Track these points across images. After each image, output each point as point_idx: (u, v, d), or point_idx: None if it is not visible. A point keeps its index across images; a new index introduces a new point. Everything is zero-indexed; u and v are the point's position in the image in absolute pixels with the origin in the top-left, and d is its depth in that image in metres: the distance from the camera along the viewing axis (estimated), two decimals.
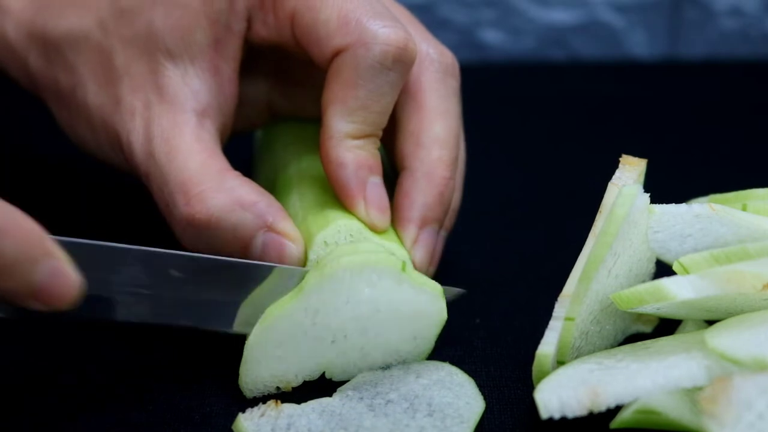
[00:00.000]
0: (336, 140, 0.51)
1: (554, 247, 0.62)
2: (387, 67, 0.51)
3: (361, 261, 0.48)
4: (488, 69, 0.88)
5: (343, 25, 0.51)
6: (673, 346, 0.48)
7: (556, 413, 0.45)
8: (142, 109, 0.53)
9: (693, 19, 0.89)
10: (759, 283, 0.47)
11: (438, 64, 0.55)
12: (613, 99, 0.83)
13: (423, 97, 0.54)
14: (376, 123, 0.52)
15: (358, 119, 0.52)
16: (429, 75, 0.55)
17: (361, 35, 0.51)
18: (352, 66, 0.51)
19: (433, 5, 0.88)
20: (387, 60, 0.51)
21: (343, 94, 0.51)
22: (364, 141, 0.52)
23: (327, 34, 0.51)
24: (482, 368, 0.52)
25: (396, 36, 0.51)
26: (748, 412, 0.42)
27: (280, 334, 0.49)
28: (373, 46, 0.51)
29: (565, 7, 0.89)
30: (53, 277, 0.44)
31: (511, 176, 0.71)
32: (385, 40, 0.51)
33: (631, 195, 0.49)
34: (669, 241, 0.51)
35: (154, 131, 0.52)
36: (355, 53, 0.51)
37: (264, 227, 0.50)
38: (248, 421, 0.47)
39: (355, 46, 0.51)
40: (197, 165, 0.51)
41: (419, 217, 0.53)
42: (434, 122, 0.54)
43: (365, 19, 0.51)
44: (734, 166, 0.72)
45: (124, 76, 0.53)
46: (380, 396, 0.49)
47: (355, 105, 0.51)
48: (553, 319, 0.49)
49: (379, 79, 0.51)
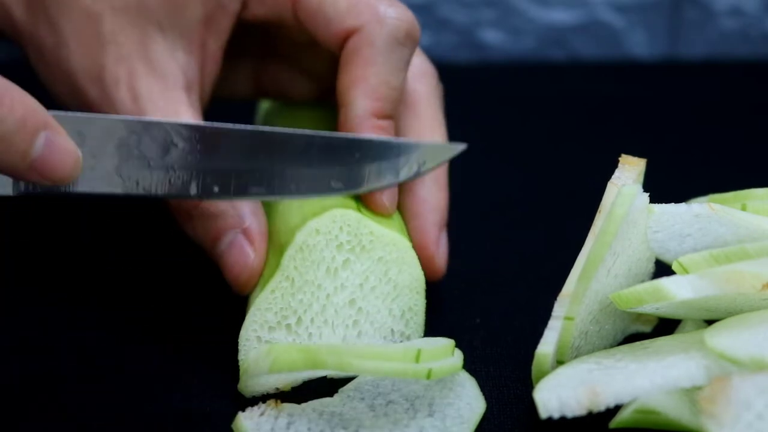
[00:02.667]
0: (361, 118, 0.52)
1: (554, 247, 0.62)
2: (401, 43, 0.52)
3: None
4: (488, 69, 0.88)
5: (353, 5, 0.52)
6: (672, 345, 0.48)
7: (555, 413, 0.45)
8: (127, 78, 0.53)
9: (693, 19, 0.89)
10: (758, 283, 0.47)
11: (431, 77, 0.57)
12: (613, 99, 0.83)
13: (421, 109, 0.56)
14: (396, 100, 0.53)
15: (381, 96, 0.52)
16: (424, 87, 0.56)
17: (373, 14, 0.52)
18: (369, 43, 0.52)
19: (433, 5, 0.88)
20: (401, 35, 0.52)
21: (364, 72, 0.52)
22: (388, 123, 0.53)
23: (337, 16, 0.52)
24: (482, 368, 0.52)
25: (404, 13, 0.53)
26: (746, 411, 0.42)
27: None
28: (387, 22, 0.52)
29: (565, 7, 0.89)
30: (52, 149, 0.44)
31: (511, 176, 0.71)
32: (396, 17, 0.52)
33: (631, 195, 0.49)
34: (668, 241, 0.51)
35: (144, 103, 0.52)
36: (370, 31, 0.52)
37: (240, 227, 0.51)
38: (248, 420, 0.47)
39: (369, 24, 0.52)
40: None
41: (440, 221, 0.55)
42: (433, 133, 0.56)
43: (374, 1, 0.53)
44: (734, 166, 0.72)
45: (111, 44, 0.53)
46: (381, 396, 0.49)
47: (376, 81, 0.52)
48: (552, 318, 0.49)
49: (395, 54, 0.52)
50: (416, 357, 0.46)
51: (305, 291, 0.50)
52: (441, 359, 0.48)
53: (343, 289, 0.51)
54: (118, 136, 0.48)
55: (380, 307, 0.51)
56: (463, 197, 0.64)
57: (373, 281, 0.51)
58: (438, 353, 0.48)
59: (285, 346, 0.47)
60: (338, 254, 0.50)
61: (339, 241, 0.50)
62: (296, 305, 0.50)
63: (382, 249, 0.51)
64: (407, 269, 0.52)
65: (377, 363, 0.46)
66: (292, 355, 0.46)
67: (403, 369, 0.46)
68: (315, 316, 0.50)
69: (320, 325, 0.51)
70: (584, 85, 0.85)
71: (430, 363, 0.47)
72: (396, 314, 0.52)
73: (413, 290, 0.52)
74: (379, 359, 0.46)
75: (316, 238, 0.50)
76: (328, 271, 0.50)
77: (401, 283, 0.51)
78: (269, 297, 0.50)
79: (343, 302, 0.51)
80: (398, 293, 0.52)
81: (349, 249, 0.50)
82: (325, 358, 0.46)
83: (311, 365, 0.46)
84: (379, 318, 0.51)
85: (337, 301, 0.51)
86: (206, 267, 0.56)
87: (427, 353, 0.47)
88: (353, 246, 0.50)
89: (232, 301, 0.55)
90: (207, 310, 0.56)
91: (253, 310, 0.50)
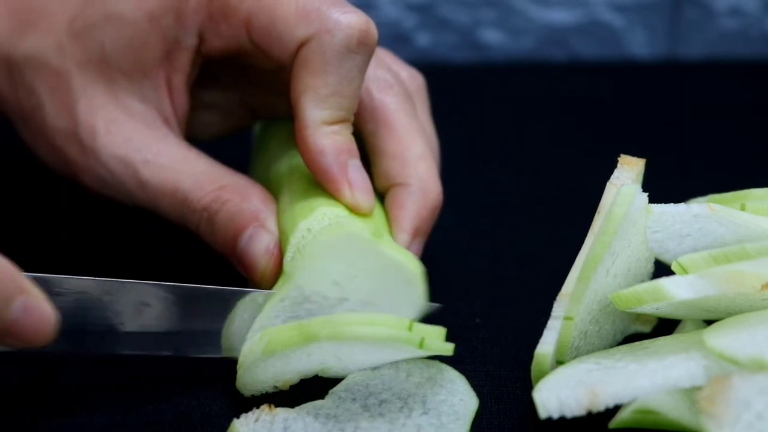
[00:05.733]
0: (312, 128, 0.52)
1: (554, 247, 0.62)
2: (353, 51, 0.52)
3: (336, 233, 0.48)
4: (488, 69, 0.88)
5: (304, 16, 0.52)
6: (672, 345, 0.48)
7: (554, 413, 0.45)
8: (104, 126, 0.54)
9: (693, 19, 0.89)
10: (758, 283, 0.47)
11: (397, 87, 0.56)
12: (613, 99, 0.83)
13: (391, 120, 0.55)
14: (349, 108, 0.53)
15: (332, 105, 0.52)
16: (392, 98, 0.56)
17: (324, 23, 0.51)
18: (319, 53, 0.51)
19: (433, 5, 0.88)
20: (352, 44, 0.52)
21: (313, 82, 0.52)
22: (340, 126, 0.53)
23: (288, 29, 0.52)
24: (482, 368, 0.52)
25: (357, 20, 0.52)
26: (746, 411, 0.42)
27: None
28: (336, 31, 0.51)
29: (565, 7, 0.89)
30: (27, 314, 0.44)
31: (510, 176, 0.71)
32: (348, 24, 0.52)
33: (630, 194, 0.49)
34: (668, 241, 0.51)
35: (136, 145, 0.54)
36: (320, 41, 0.51)
37: (257, 221, 0.52)
38: (244, 427, 0.47)
39: (319, 33, 0.51)
40: (203, 168, 0.53)
41: (413, 228, 0.54)
42: (412, 141, 0.55)
43: (325, 8, 0.52)
44: (733, 166, 0.72)
45: (82, 98, 0.54)
46: (373, 396, 0.49)
47: (326, 91, 0.52)
48: (551, 318, 0.49)
49: (346, 63, 0.52)
50: (409, 326, 0.47)
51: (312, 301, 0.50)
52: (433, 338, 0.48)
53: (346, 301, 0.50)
54: (91, 295, 0.48)
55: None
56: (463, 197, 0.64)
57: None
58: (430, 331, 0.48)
59: (277, 327, 0.47)
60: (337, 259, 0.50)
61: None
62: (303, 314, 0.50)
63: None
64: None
65: (371, 329, 0.46)
66: (285, 334, 0.47)
67: (396, 335, 0.46)
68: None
69: None
70: (584, 85, 0.85)
71: (422, 333, 0.47)
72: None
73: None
74: (373, 325, 0.46)
75: (310, 238, 0.50)
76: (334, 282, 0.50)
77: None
78: (278, 305, 0.49)
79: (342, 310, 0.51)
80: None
81: None
82: (318, 330, 0.46)
83: (305, 339, 0.46)
84: None
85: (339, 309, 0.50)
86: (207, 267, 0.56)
87: (419, 327, 0.47)
88: None
89: None
90: None
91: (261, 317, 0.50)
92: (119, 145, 0.54)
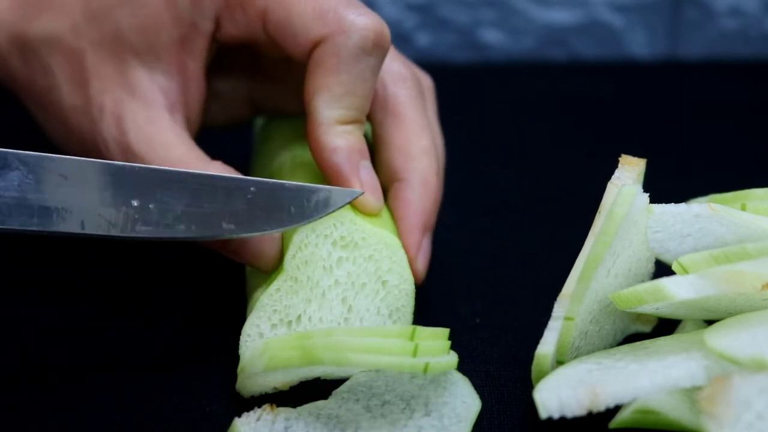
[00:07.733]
0: (326, 126, 0.52)
1: (554, 247, 0.62)
2: (367, 53, 0.52)
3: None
4: (488, 69, 0.88)
5: (320, 16, 0.52)
6: (672, 345, 0.48)
7: (555, 413, 0.45)
8: (111, 106, 0.54)
9: (693, 19, 0.89)
10: (758, 282, 0.47)
11: (411, 81, 0.57)
12: (613, 99, 0.83)
13: (403, 113, 0.56)
14: (362, 108, 0.53)
15: (345, 105, 0.52)
16: (405, 91, 0.56)
17: (340, 24, 0.52)
18: (334, 54, 0.52)
19: (433, 5, 0.88)
20: (367, 45, 0.52)
21: (328, 81, 0.52)
22: (353, 126, 0.53)
23: (303, 27, 0.52)
24: (482, 368, 0.52)
25: (373, 23, 0.52)
26: (746, 411, 0.42)
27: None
28: (352, 33, 0.52)
29: (565, 7, 0.89)
30: None
31: (511, 176, 0.71)
32: (363, 26, 0.52)
33: (631, 194, 0.49)
34: (668, 241, 0.51)
35: (128, 126, 0.53)
36: (335, 41, 0.52)
37: None
38: (245, 426, 0.47)
39: (335, 34, 0.52)
40: (179, 154, 0.53)
41: (422, 224, 0.54)
42: (419, 136, 0.55)
43: (341, 9, 0.52)
44: (734, 166, 0.72)
45: (94, 78, 0.55)
46: (376, 397, 0.49)
47: (340, 91, 0.52)
48: (552, 318, 0.49)
49: (360, 64, 0.52)
50: (413, 351, 0.47)
51: (306, 289, 0.50)
52: (438, 355, 0.48)
53: (337, 285, 0.51)
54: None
55: (369, 305, 0.52)
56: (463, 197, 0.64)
57: (363, 278, 0.51)
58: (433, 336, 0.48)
59: (280, 343, 0.47)
60: (333, 251, 0.51)
61: (333, 238, 0.51)
62: (298, 303, 0.50)
63: (373, 247, 0.51)
64: (396, 269, 0.52)
65: (375, 357, 0.46)
66: (287, 353, 0.47)
67: (400, 363, 0.46)
68: (313, 313, 0.51)
69: (316, 323, 0.51)
70: (584, 85, 0.85)
71: (427, 357, 0.47)
72: (384, 313, 0.52)
73: (402, 290, 0.52)
74: (377, 353, 0.46)
75: (312, 237, 0.50)
76: (325, 269, 0.51)
77: (390, 282, 0.52)
78: (274, 296, 0.50)
79: (337, 300, 0.51)
80: (387, 292, 0.52)
81: (342, 246, 0.51)
82: (322, 354, 0.46)
83: (307, 362, 0.46)
84: (368, 317, 0.52)
85: (331, 298, 0.51)
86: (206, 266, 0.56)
87: (423, 346, 0.47)
88: (347, 243, 0.51)
89: (232, 300, 0.55)
90: (207, 309, 0.56)
91: (258, 308, 0.50)
92: (115, 125, 0.54)
